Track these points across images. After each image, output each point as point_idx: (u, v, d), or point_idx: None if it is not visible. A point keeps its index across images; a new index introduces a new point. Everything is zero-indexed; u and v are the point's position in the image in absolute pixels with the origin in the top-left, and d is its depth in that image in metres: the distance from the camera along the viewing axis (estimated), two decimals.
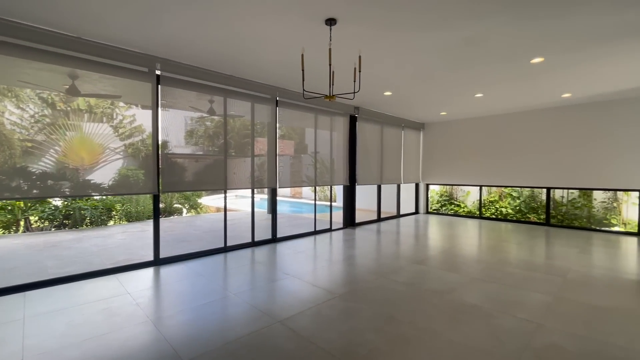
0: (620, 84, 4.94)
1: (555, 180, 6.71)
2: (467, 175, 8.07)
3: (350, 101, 6.27)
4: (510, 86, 5.08)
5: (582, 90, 5.36)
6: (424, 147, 8.94)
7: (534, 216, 7.73)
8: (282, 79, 4.77)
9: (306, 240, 5.55)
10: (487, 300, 2.98)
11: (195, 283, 3.46)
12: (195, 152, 4.65)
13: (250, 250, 4.85)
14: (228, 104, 4.73)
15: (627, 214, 6.70)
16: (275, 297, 3.08)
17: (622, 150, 5.92)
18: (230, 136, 4.89)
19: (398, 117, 7.92)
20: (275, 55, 3.80)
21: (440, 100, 6.13)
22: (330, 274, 3.78)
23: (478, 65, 4.10)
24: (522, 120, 7.11)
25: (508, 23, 2.96)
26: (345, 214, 6.86)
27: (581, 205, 7.22)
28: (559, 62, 3.96)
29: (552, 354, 2.13)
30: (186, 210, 9.72)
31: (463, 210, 8.95)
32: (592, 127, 6.23)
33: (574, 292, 3.17)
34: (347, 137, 6.66)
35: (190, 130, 4.58)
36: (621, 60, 3.92)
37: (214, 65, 4.17)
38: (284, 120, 5.52)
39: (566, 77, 4.61)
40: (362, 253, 4.72)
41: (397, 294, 3.16)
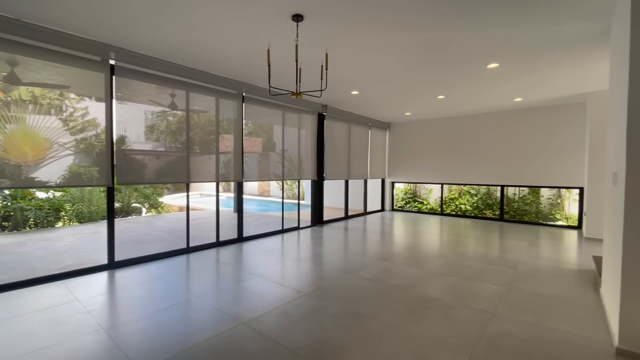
0: (564, 90, 5.39)
1: (508, 178, 7.20)
2: (430, 174, 8.42)
3: (318, 99, 6.28)
4: (469, 89, 5.35)
5: (531, 95, 5.78)
6: (390, 146, 9.18)
7: (490, 212, 8.24)
8: (248, 74, 4.65)
9: (273, 239, 5.48)
10: (447, 293, 3.12)
11: (154, 287, 3.28)
12: (156, 148, 4.40)
13: (215, 251, 4.69)
14: (191, 98, 4.52)
15: (569, 209, 7.37)
16: (240, 299, 3.00)
17: (566, 151, 6.48)
18: (195, 132, 4.69)
19: (365, 117, 8.05)
20: (241, 50, 3.69)
21: (404, 101, 6.32)
22: (298, 273, 3.76)
23: (440, 68, 4.27)
24: (479, 122, 7.54)
25: (466, 29, 3.10)
26: (313, 212, 6.86)
27: (530, 201, 7.82)
28: (512, 68, 4.23)
29: (505, 341, 2.27)
30: (146, 210, 9.19)
31: (426, 207, 9.33)
32: (540, 129, 6.75)
33: (523, 283, 3.41)
34: (315, 135, 6.65)
35: (151, 125, 4.33)
36: (565, 69, 4.28)
37: (175, 57, 3.97)
38: (251, 117, 5.40)
39: (518, 83, 4.95)
40: (330, 251, 4.75)
41: (363, 290, 3.21)
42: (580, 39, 3.32)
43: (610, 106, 2.92)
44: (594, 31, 3.14)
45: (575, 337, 2.33)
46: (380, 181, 9.32)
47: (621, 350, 2.08)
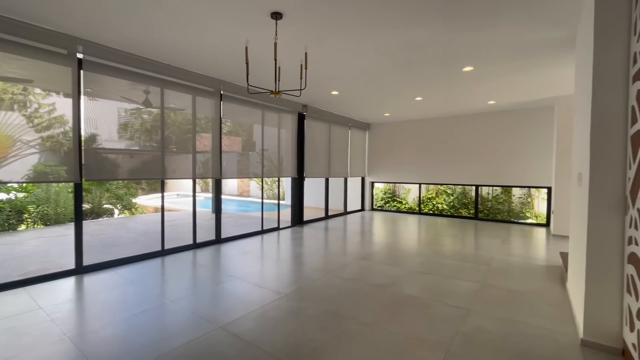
0: (533, 94, 5.64)
1: (482, 178, 7.46)
2: (408, 174, 8.58)
3: (298, 99, 6.24)
4: (446, 91, 5.49)
5: (504, 98, 6.01)
6: (370, 146, 9.28)
7: (465, 211, 8.50)
8: (226, 72, 4.55)
9: (253, 240, 5.40)
10: (424, 291, 3.18)
11: (126, 291, 3.14)
12: (130, 147, 4.22)
13: (192, 253, 4.56)
14: (167, 95, 4.37)
15: (538, 208, 7.72)
16: (217, 302, 2.93)
17: (535, 153, 6.78)
18: (171, 131, 4.54)
19: (345, 117, 8.10)
20: (218, 47, 3.60)
21: (383, 102, 6.40)
22: (277, 274, 3.72)
23: (418, 69, 4.35)
24: (455, 124, 7.76)
25: (444, 31, 3.17)
26: (293, 212, 6.82)
27: (503, 200, 8.13)
28: (486, 71, 4.38)
29: (479, 336, 2.34)
30: (118, 212, 8.81)
31: (404, 206, 9.50)
32: (511, 131, 7.04)
33: (496, 279, 3.53)
34: (295, 135, 6.61)
35: (125, 123, 4.15)
36: (535, 73, 4.47)
37: (149, 53, 3.82)
38: (230, 116, 5.29)
39: (491, 86, 5.13)
40: (310, 251, 4.73)
41: (342, 290, 3.22)
42: (548, 45, 3.48)
43: (576, 110, 3.08)
44: (561, 38, 3.30)
45: (544, 330, 2.43)
46: (360, 181, 9.40)
47: (586, 342, 2.19)
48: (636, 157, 1.87)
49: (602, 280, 2.12)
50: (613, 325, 2.10)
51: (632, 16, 1.99)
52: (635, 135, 1.90)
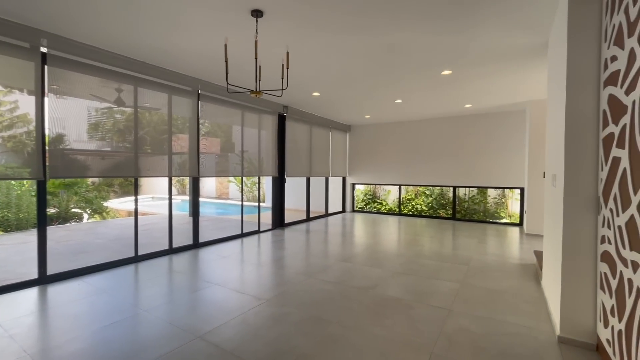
0: (507, 98, 5.84)
1: (460, 179, 7.65)
2: (388, 175, 8.67)
3: (279, 100, 6.16)
4: (425, 94, 5.59)
5: (480, 102, 6.19)
6: (350, 148, 9.32)
7: (443, 212, 8.70)
8: (205, 70, 4.40)
9: (232, 244, 5.25)
10: (407, 292, 3.19)
11: (95, 302, 2.94)
12: (101, 148, 3.99)
13: (168, 259, 4.37)
14: (141, 94, 4.17)
15: (512, 208, 8.02)
16: (195, 310, 2.80)
17: (509, 155, 7.04)
18: (146, 131, 4.34)
19: (326, 119, 8.08)
20: (197, 44, 3.47)
21: (364, 104, 6.44)
22: (258, 279, 3.62)
23: (398, 72, 4.39)
24: (433, 127, 7.93)
25: (424, 33, 3.21)
26: (274, 215, 6.71)
27: (479, 201, 8.39)
28: (463, 75, 4.48)
29: (462, 336, 2.36)
30: (88, 216, 8.35)
31: (385, 207, 9.60)
32: (486, 134, 7.27)
33: (475, 278, 3.60)
34: (276, 136, 6.52)
35: (96, 123, 3.92)
36: (509, 77, 4.63)
37: (120, 48, 3.63)
38: (208, 116, 5.13)
39: (468, 89, 5.26)
40: (291, 254, 4.66)
41: (325, 293, 3.17)
42: (522, 50, 3.60)
43: (548, 114, 3.20)
44: (534, 44, 3.42)
45: (523, 328, 2.48)
46: (342, 183, 9.42)
47: (562, 339, 2.26)
48: (608, 159, 1.94)
49: (577, 278, 2.19)
50: (588, 321, 2.17)
51: (602, 24, 2.08)
52: (606, 138, 1.98)
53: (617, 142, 1.79)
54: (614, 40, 1.85)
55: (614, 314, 1.81)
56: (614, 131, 1.84)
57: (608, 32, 1.96)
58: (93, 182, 13.54)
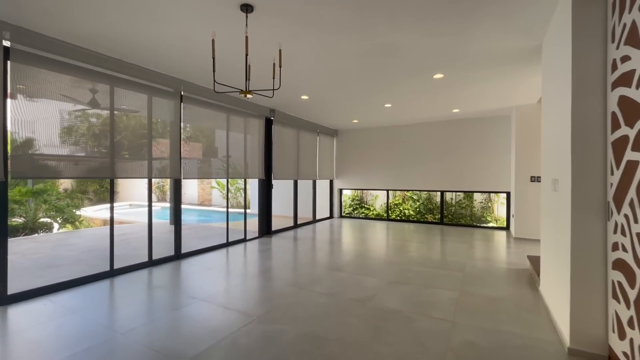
0: (495, 103, 5.88)
1: (447, 184, 7.66)
2: (376, 180, 8.60)
3: (266, 102, 5.96)
4: (415, 98, 5.54)
5: (468, 107, 6.22)
6: (337, 153, 9.20)
7: (431, 216, 8.69)
8: (188, 70, 4.16)
9: (217, 254, 4.96)
10: (406, 303, 3.04)
11: (63, 325, 2.62)
12: (75, 152, 3.66)
13: (147, 272, 4.04)
14: (117, 95, 3.87)
15: (498, 212, 8.10)
16: (179, 330, 2.53)
17: (494, 159, 7.11)
18: (124, 135, 4.04)
19: (314, 123, 7.93)
20: (179, 41, 3.24)
21: (353, 108, 6.33)
22: (246, 292, 3.37)
23: (390, 75, 4.30)
24: (420, 131, 7.93)
25: (419, 35, 3.11)
26: (261, 222, 6.46)
27: (465, 205, 8.44)
28: (455, 79, 4.44)
29: (469, 351, 2.22)
30: (58, 226, 7.78)
31: (372, 213, 9.50)
32: (472, 139, 7.32)
33: (473, 286, 3.51)
34: (262, 140, 6.29)
35: (69, 127, 3.60)
36: (499, 82, 4.63)
37: (95, 44, 3.34)
38: (191, 119, 4.85)
39: (458, 94, 5.25)
40: (281, 264, 4.43)
41: (320, 307, 2.97)
42: (515, 54, 3.58)
43: (544, 117, 3.16)
44: (528, 48, 3.40)
45: (531, 340, 2.38)
46: (329, 188, 9.27)
47: (573, 351, 2.16)
48: (620, 163, 1.87)
49: (587, 287, 2.10)
50: (599, 332, 2.08)
51: (608, 24, 2.03)
52: (617, 141, 1.91)
53: (633, 145, 1.72)
54: (626, 40, 1.79)
55: (632, 326, 1.72)
56: (628, 134, 1.76)
57: (617, 32, 1.90)
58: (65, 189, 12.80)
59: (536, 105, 5.90)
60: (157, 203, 13.74)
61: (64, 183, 13.07)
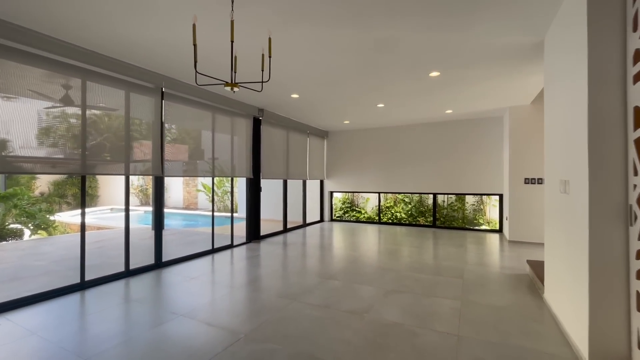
0: (489, 103, 5.79)
1: (439, 186, 7.55)
2: (367, 183, 8.42)
3: (254, 102, 5.69)
4: (409, 98, 5.38)
5: (461, 108, 6.11)
6: (328, 155, 8.99)
7: (423, 219, 8.56)
8: (170, 64, 3.86)
9: (202, 262, 4.64)
10: (406, 315, 2.83)
11: (19, 350, 2.29)
12: (51, 155, 3.33)
13: (123, 283, 3.70)
14: (92, 90, 3.54)
15: (490, 215, 8.03)
16: (157, 353, 2.24)
17: (486, 161, 7.03)
18: (105, 137, 3.73)
19: (304, 124, 7.70)
20: (160, 31, 2.96)
21: (345, 108, 6.13)
22: (232, 306, 3.09)
23: (385, 73, 4.11)
24: (412, 133, 7.80)
25: (416, 29, 2.93)
26: (249, 226, 6.16)
27: (457, 208, 8.34)
28: (451, 77, 4.29)
29: None
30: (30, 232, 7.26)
31: (364, 216, 9.31)
32: (464, 140, 7.23)
33: (474, 294, 3.32)
34: (250, 140, 6.01)
35: (47, 127, 3.28)
36: (494, 82, 4.51)
37: (65, 33, 3.02)
38: (173, 119, 4.54)
39: (453, 94, 5.11)
40: (270, 272, 4.16)
41: (313, 322, 2.72)
42: (515, 51, 3.44)
43: (547, 117, 3.02)
44: (528, 45, 3.27)
45: (545, 355, 2.19)
46: (319, 192, 9.03)
47: None
48: None
49: (608, 299, 1.93)
50: (621, 347, 1.91)
51: (628, 12, 1.87)
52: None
53: None
54: None
55: None
56: None
57: (639, 20, 1.74)
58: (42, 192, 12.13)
59: (530, 107, 5.84)
60: (140, 207, 13.20)
61: (40, 186, 12.39)
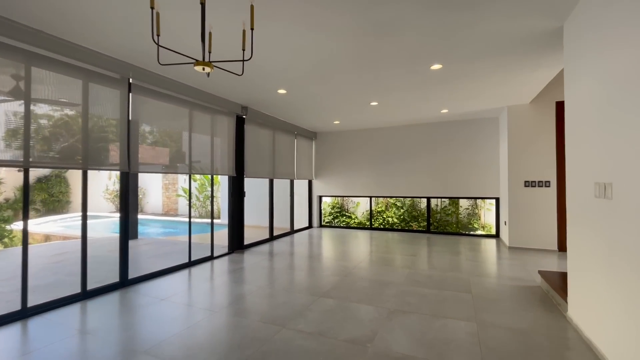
0: (488, 102, 5.48)
1: (433, 190, 7.21)
2: (358, 187, 8.01)
3: (237, 97, 5.18)
4: (404, 96, 5.00)
5: (457, 107, 5.78)
6: (316, 157, 8.53)
7: (416, 224, 8.21)
8: (138, 51, 3.32)
9: (176, 278, 4.07)
10: (417, 344, 2.38)
11: None
12: (17, 157, 2.77)
13: (78, 308, 3.11)
14: (39, 77, 2.96)
15: (485, 219, 7.76)
16: None
17: (481, 163, 6.74)
18: (77, 139, 3.17)
19: (291, 124, 7.22)
20: (123, 9, 2.43)
21: (335, 106, 5.70)
22: (209, 337, 2.56)
23: (382, 65, 3.70)
24: (406, 134, 7.46)
25: (424, 11, 2.53)
26: (231, 234, 5.60)
27: (451, 212, 8.03)
28: (454, 70, 3.93)
29: None
30: None
31: (354, 221, 8.88)
32: (459, 142, 6.93)
33: (488, 313, 2.92)
34: (233, 139, 5.48)
35: (15, 129, 2.73)
36: (498, 77, 4.18)
37: (4, 7, 2.46)
38: (143, 115, 3.97)
39: (452, 91, 4.76)
40: (255, 290, 3.64)
41: (307, 356, 2.24)
42: (529, 39, 3.09)
43: (571, 112, 2.66)
44: (545, 31, 2.92)
45: None
46: (307, 195, 8.55)
47: None
48: None
49: None
50: None
51: None
52: None
53: None
54: None
55: None
56: None
57: None
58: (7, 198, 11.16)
59: (529, 106, 5.57)
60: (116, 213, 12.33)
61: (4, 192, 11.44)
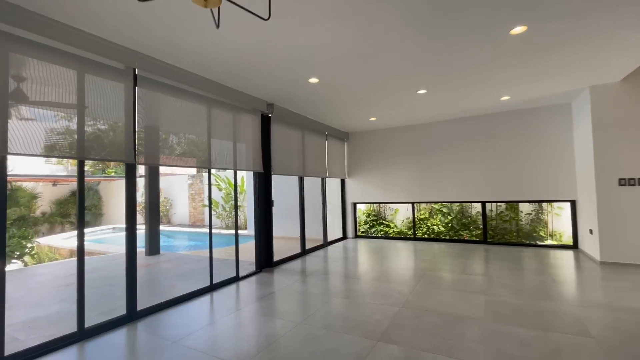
0: (561, 83, 4.43)
1: (490, 193, 6.15)
2: (397, 192, 7.08)
3: (262, 95, 4.51)
4: (462, 78, 4.08)
5: (522, 92, 4.77)
6: (349, 160, 7.72)
7: (467, 233, 7.12)
8: (146, 35, 2.70)
9: (195, 308, 3.38)
10: None
11: None
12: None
13: (75, 352, 2.46)
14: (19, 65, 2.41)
15: (553, 226, 6.54)
16: None
17: (552, 160, 5.62)
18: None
19: (321, 123, 6.48)
20: None
21: (374, 98, 4.87)
22: None
23: (446, 31, 2.84)
24: (454, 129, 6.47)
25: None
26: (259, 249, 4.89)
27: (510, 218, 6.87)
28: (538, 35, 2.99)
29: None
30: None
31: (393, 230, 7.92)
32: (523, 135, 5.85)
33: None
34: (259, 139, 4.80)
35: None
36: (589, 42, 3.18)
37: None
38: (150, 114, 3.36)
39: (524, 66, 3.79)
40: (289, 327, 2.85)
41: None
42: None
43: None
44: None
45: None
46: (340, 203, 7.73)
47: None
48: None
49: None
50: None
51: None
52: None
53: None
54: None
55: None
56: None
57: None
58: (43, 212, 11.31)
59: (619, 85, 4.45)
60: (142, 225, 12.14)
61: (41, 206, 11.66)
